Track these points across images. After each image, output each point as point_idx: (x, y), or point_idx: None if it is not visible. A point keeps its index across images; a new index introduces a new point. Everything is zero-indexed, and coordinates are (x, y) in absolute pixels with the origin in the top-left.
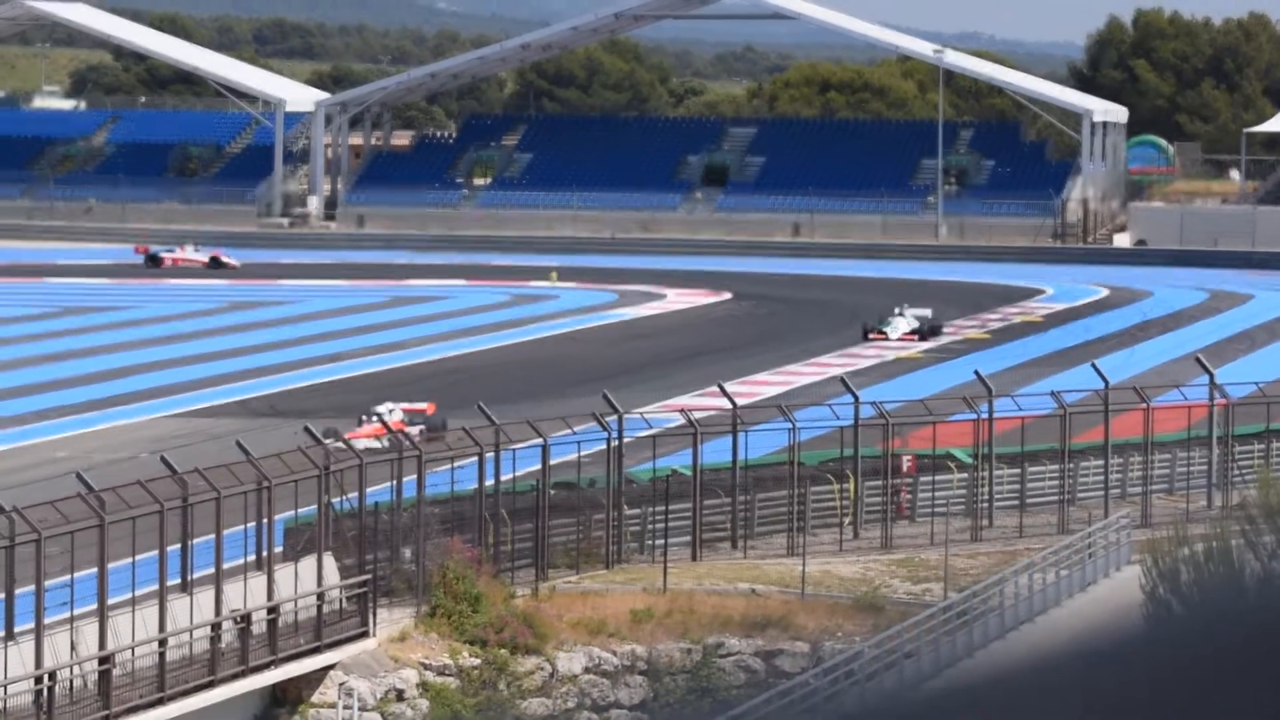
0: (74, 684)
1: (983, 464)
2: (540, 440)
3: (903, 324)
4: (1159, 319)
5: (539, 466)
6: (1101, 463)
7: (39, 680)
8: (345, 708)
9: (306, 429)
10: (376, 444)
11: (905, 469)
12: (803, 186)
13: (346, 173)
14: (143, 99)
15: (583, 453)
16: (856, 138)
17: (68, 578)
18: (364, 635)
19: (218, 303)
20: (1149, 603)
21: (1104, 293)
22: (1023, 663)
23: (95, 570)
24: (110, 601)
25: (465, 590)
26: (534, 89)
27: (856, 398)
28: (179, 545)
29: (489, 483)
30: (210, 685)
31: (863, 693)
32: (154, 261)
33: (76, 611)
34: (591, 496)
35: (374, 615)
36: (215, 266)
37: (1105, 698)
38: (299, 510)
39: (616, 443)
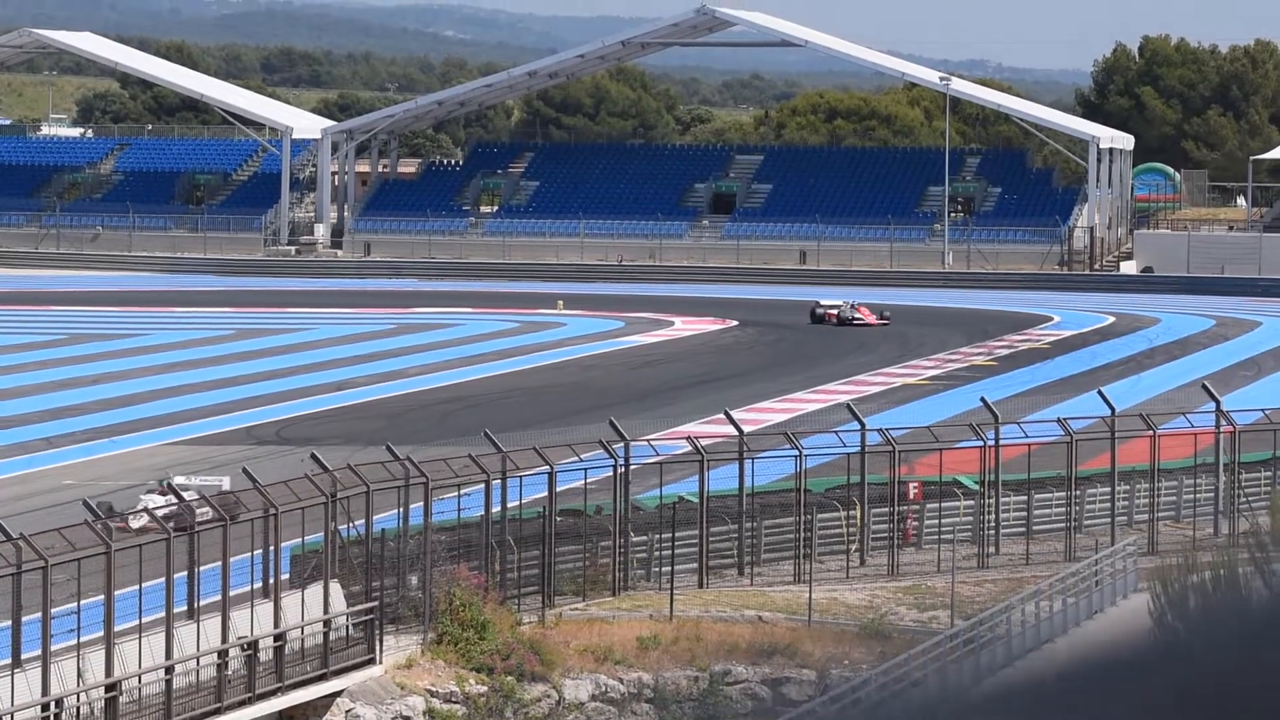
0: (80, 711)
1: (989, 491)
2: (547, 467)
3: (850, 310)
4: (1165, 346)
5: (545, 493)
6: (1108, 490)
7: (45, 708)
8: None
9: (313, 456)
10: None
11: (912, 496)
12: (810, 214)
13: (353, 200)
14: (150, 127)
15: (589, 480)
16: (863, 165)
17: (75, 605)
18: (370, 662)
19: (224, 331)
20: (1157, 630)
21: (1110, 320)
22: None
23: (102, 597)
24: (117, 628)
25: (472, 617)
26: (541, 117)
27: (863, 425)
28: (185, 573)
29: (496, 510)
30: (217, 712)
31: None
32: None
33: (83, 638)
34: (598, 523)
35: (380, 642)
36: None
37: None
38: (306, 537)
39: (623, 470)
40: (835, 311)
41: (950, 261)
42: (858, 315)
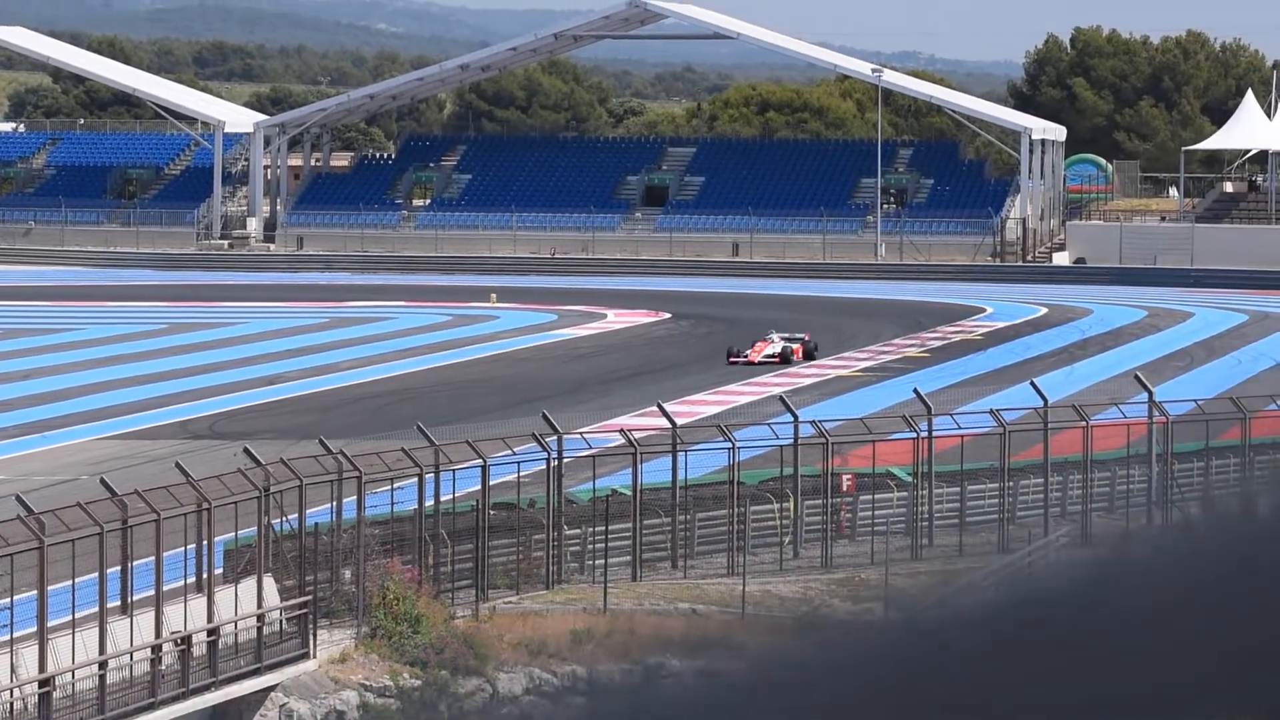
0: (14, 707)
1: (922, 482)
2: (480, 461)
3: (767, 347)
4: (1098, 337)
5: (479, 487)
6: (1041, 481)
7: None
8: None
9: (246, 450)
10: None
11: (845, 488)
12: (742, 206)
13: (286, 194)
14: (82, 121)
15: (522, 473)
16: (796, 157)
17: (7, 600)
18: (304, 657)
19: (157, 325)
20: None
21: (1043, 311)
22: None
23: (35, 592)
24: (50, 624)
25: (405, 611)
26: (473, 110)
27: (796, 417)
28: (119, 567)
29: (429, 503)
30: (151, 707)
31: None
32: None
33: (16, 634)
34: (531, 517)
35: (314, 636)
36: None
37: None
38: (239, 532)
39: (556, 463)
40: (760, 349)
41: (883, 253)
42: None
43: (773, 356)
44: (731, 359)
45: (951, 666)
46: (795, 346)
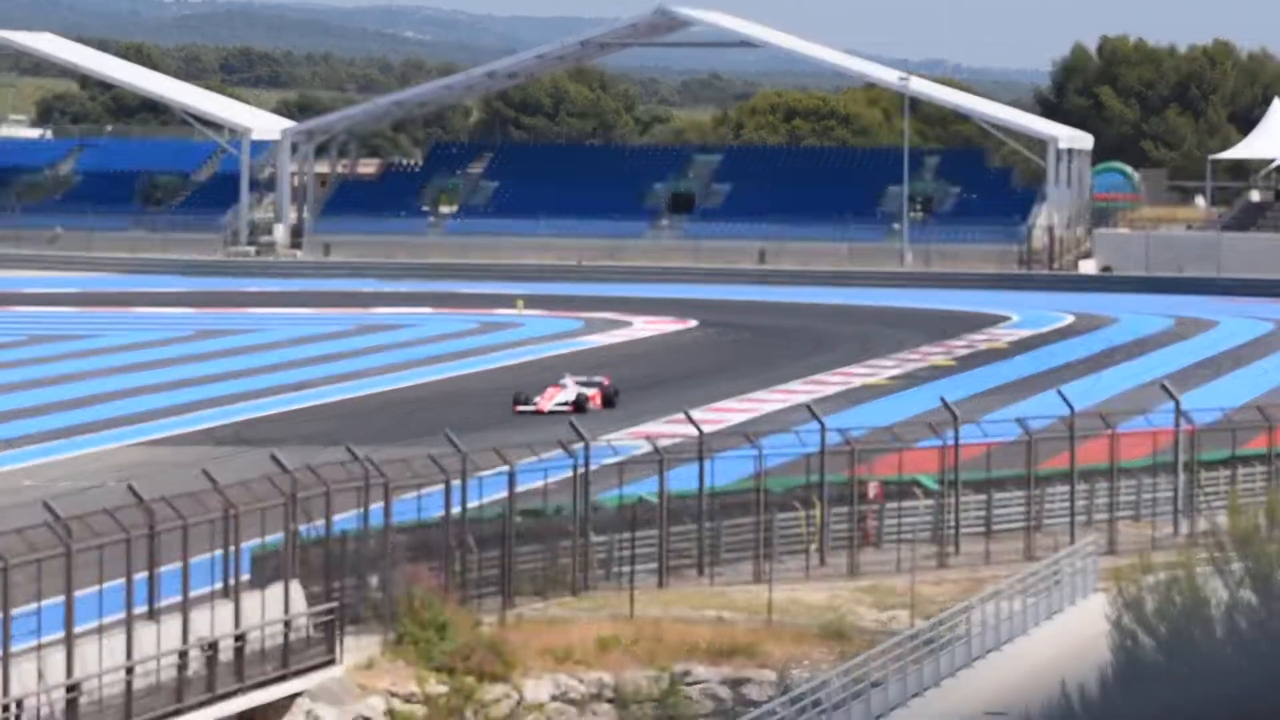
0: (41, 712)
1: (949, 490)
2: (507, 467)
3: (559, 394)
4: (1124, 345)
5: (505, 494)
6: (1067, 489)
7: (5, 709)
8: None
9: (273, 457)
10: None
11: (871, 496)
12: (769, 214)
13: (313, 201)
14: (109, 128)
15: (549, 480)
16: (822, 165)
17: (34, 606)
18: (331, 663)
19: (184, 331)
20: (1115, 632)
21: (1069, 319)
22: None
23: (62, 598)
24: (77, 629)
25: (432, 618)
26: (500, 117)
27: (823, 425)
28: (146, 573)
29: (456, 510)
30: (178, 713)
31: None
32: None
33: (44, 639)
34: (558, 524)
35: (341, 643)
36: None
37: None
38: (266, 538)
39: (583, 470)
40: (551, 396)
41: (909, 261)
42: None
43: (565, 404)
44: (518, 406)
45: None
46: (592, 392)
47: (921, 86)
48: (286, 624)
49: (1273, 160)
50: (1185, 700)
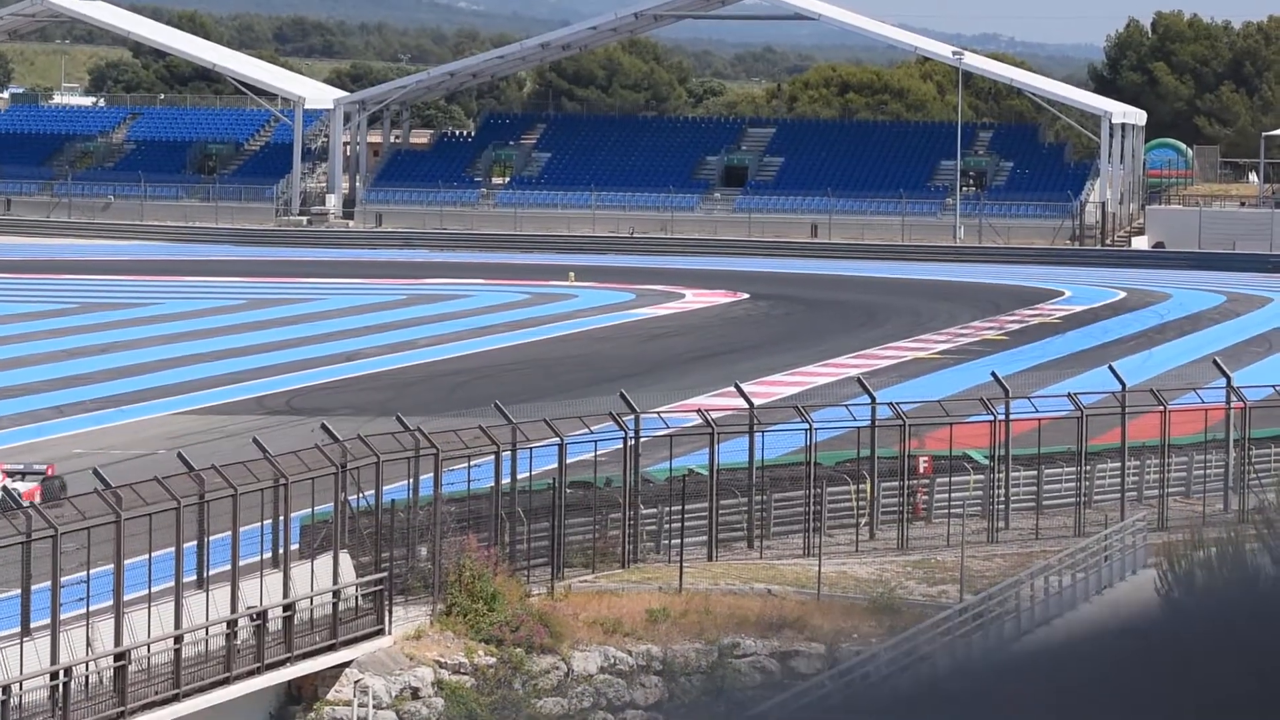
0: (90, 680)
1: (999, 465)
2: (557, 439)
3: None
4: (1176, 321)
5: (555, 465)
6: (1118, 465)
7: (55, 676)
8: (361, 705)
9: (323, 426)
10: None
11: (922, 470)
12: (821, 187)
13: (365, 171)
14: (162, 96)
15: (599, 452)
16: (875, 139)
17: (84, 574)
18: (380, 633)
19: (235, 300)
20: (1164, 607)
21: (1122, 295)
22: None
23: (111, 567)
24: (126, 598)
25: (481, 589)
26: (553, 88)
27: (873, 398)
28: (195, 542)
29: (505, 481)
30: (226, 682)
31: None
32: None
33: (93, 608)
34: (608, 496)
35: (390, 613)
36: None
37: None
38: (315, 508)
39: (633, 442)
40: None
41: (962, 235)
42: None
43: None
44: None
45: None
46: (27, 488)
47: (975, 61)
48: (335, 594)
49: None
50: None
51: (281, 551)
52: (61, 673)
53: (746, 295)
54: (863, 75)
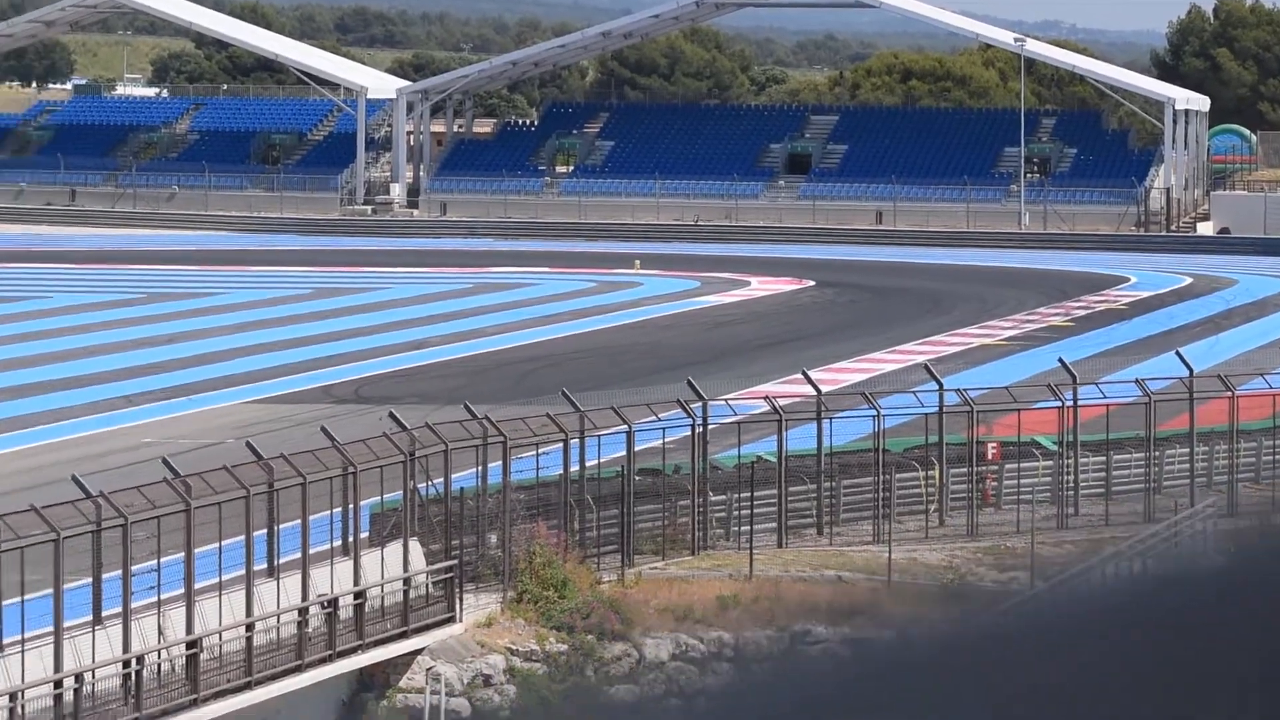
0: (161, 668)
1: (1068, 451)
2: (625, 426)
3: None
4: (1242, 307)
5: (624, 453)
6: (1187, 451)
7: (126, 664)
8: (433, 693)
9: (391, 415)
10: None
11: (990, 456)
12: (885, 174)
13: (429, 160)
14: (225, 87)
15: (667, 439)
16: (939, 126)
17: (154, 562)
18: (451, 620)
19: (301, 289)
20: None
21: (1187, 280)
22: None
23: (182, 555)
24: (197, 586)
25: (552, 576)
26: (615, 77)
27: (941, 385)
28: (265, 530)
29: (574, 469)
30: (298, 670)
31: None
32: None
33: (163, 596)
34: (676, 483)
35: (460, 600)
36: None
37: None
38: (385, 496)
39: (701, 429)
40: None
41: (1026, 222)
42: None
43: None
44: None
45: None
46: None
47: (1037, 48)
48: (406, 581)
49: None
50: None
51: (351, 539)
52: (133, 660)
53: (812, 282)
54: (925, 62)
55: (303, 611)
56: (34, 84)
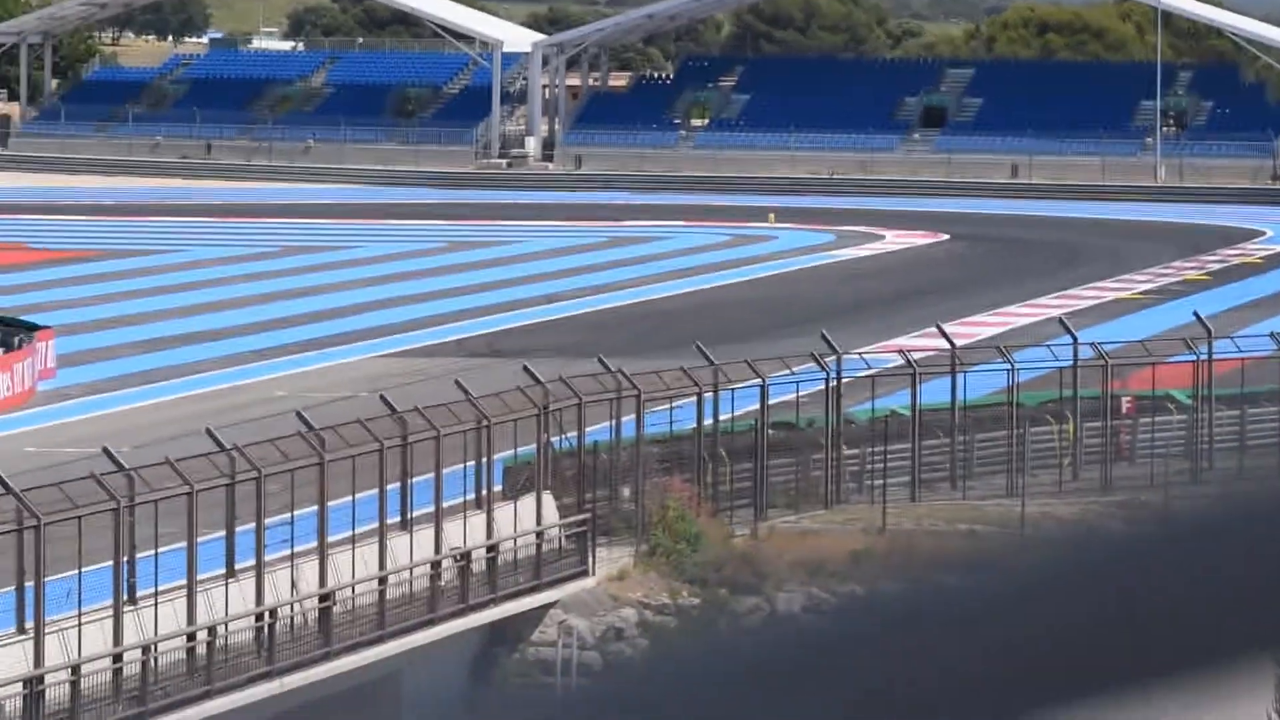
0: (294, 621)
1: (1202, 406)
2: (759, 380)
3: None
4: None
5: (757, 406)
6: None
7: (260, 617)
8: (565, 646)
9: (525, 368)
10: None
11: (1124, 410)
12: (1021, 128)
13: (564, 113)
14: (360, 40)
15: (801, 393)
16: (1075, 79)
17: (288, 515)
18: (583, 574)
19: (436, 243)
20: None
21: None
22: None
23: (315, 508)
24: (330, 539)
25: (684, 529)
26: (751, 31)
27: (1075, 339)
28: (399, 484)
29: (707, 422)
30: (431, 623)
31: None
32: None
33: (297, 549)
34: (810, 436)
35: (593, 554)
36: None
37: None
38: (518, 449)
39: (835, 383)
40: None
41: (1162, 176)
42: None
43: None
44: None
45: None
46: None
47: (1174, 1)
48: (539, 535)
49: None
50: None
51: (484, 493)
52: (267, 614)
53: (947, 236)
54: (1061, 15)
55: (435, 565)
56: (170, 38)
